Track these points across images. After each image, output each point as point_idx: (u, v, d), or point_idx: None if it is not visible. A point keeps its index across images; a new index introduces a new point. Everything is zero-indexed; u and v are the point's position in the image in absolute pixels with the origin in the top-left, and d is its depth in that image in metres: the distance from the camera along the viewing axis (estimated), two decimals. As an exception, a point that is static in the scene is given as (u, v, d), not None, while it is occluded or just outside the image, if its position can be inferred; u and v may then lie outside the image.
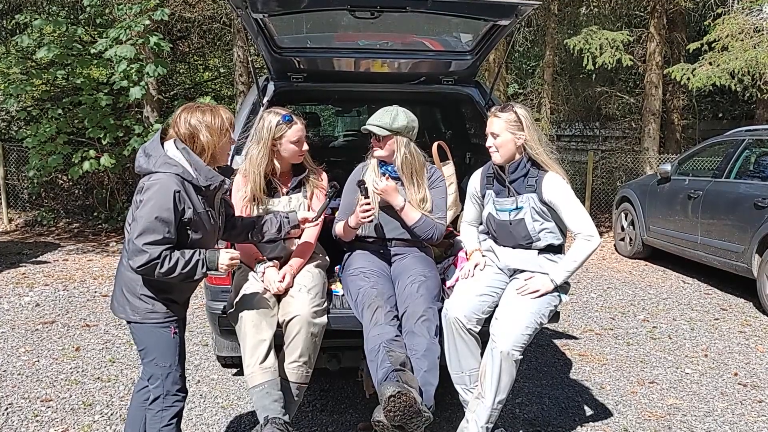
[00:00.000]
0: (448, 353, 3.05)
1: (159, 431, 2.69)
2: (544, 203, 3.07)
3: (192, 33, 12.32)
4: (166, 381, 2.69)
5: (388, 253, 3.40)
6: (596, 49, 9.90)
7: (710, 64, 9.28)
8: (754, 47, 8.82)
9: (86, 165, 8.14)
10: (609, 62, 9.91)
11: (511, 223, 3.13)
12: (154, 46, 8.10)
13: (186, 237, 2.61)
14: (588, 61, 10.04)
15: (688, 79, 9.46)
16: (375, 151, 3.34)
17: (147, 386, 2.82)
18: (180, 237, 2.58)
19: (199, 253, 2.59)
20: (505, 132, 3.05)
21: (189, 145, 2.61)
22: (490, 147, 3.12)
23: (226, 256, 2.65)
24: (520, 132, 3.04)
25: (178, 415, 2.74)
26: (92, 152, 8.29)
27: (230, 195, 3.20)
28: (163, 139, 2.66)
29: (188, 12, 10.39)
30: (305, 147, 3.26)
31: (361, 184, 3.24)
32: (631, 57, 10.28)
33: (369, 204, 3.15)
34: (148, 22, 7.91)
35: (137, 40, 7.93)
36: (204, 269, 2.60)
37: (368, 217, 3.15)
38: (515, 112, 3.04)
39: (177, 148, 2.61)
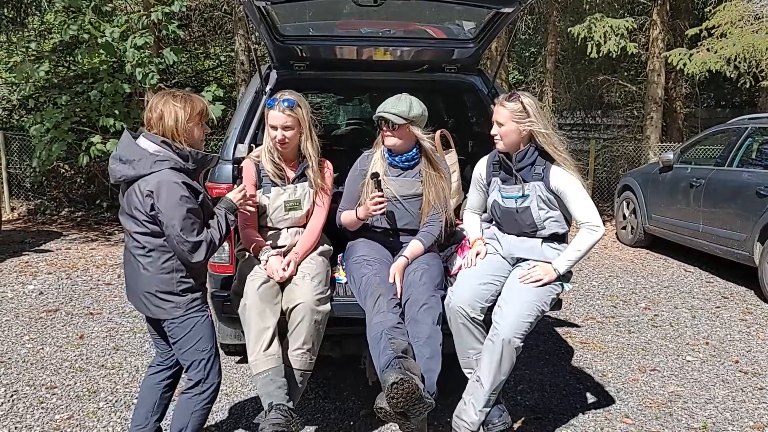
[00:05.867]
0: (455, 340, 3.06)
1: (191, 414, 2.72)
2: (550, 191, 3.07)
3: (193, 21, 12.28)
4: (207, 365, 2.73)
5: (393, 242, 3.40)
6: (600, 37, 9.81)
7: (708, 50, 9.23)
8: (753, 34, 8.77)
9: (93, 151, 8.09)
10: (614, 50, 9.83)
11: (517, 211, 3.13)
12: (171, 33, 8.07)
13: (212, 217, 2.76)
14: (592, 49, 9.95)
15: (685, 64, 9.41)
16: (387, 140, 3.26)
17: (161, 369, 2.89)
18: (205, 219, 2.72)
19: (215, 212, 2.78)
20: (509, 122, 3.03)
21: (160, 130, 2.64)
22: (494, 135, 3.11)
23: (232, 195, 2.87)
24: (525, 122, 3.02)
25: (213, 401, 2.79)
26: (96, 138, 8.21)
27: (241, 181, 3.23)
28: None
29: (189, 0, 10.35)
30: (278, 137, 3.14)
31: (374, 176, 3.19)
32: (635, 44, 10.20)
33: (382, 196, 3.14)
34: (167, 10, 7.86)
35: (146, 33, 7.87)
36: (233, 216, 2.84)
37: (380, 210, 3.14)
38: (521, 102, 3.02)
39: (154, 142, 2.62)
